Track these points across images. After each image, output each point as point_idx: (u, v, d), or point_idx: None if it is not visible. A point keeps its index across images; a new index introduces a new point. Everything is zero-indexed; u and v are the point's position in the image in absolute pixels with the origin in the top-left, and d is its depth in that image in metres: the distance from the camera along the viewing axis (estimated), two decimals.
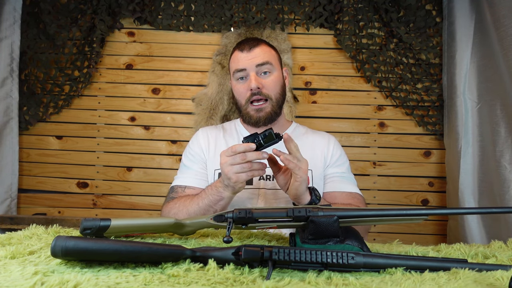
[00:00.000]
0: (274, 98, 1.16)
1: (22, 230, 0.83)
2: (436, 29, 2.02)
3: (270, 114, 1.16)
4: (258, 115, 1.16)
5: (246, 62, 1.15)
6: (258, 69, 1.15)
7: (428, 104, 2.03)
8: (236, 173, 0.89)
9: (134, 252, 0.59)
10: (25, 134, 2.09)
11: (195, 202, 1.01)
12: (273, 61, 1.18)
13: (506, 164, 1.54)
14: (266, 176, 1.17)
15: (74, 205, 2.11)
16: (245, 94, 1.16)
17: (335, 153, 1.22)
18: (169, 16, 2.06)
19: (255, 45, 1.17)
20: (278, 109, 1.19)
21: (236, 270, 0.60)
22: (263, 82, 1.15)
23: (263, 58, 1.15)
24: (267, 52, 1.18)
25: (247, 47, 1.17)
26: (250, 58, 1.15)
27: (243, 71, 1.16)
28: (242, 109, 1.19)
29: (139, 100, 2.11)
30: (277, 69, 1.19)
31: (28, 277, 0.52)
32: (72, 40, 2.04)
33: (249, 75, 1.15)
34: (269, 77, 1.16)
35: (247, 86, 1.15)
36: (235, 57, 1.19)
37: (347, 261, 0.59)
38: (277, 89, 1.18)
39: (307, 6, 2.05)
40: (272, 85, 1.16)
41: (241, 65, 1.16)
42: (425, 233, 2.06)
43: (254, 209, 0.72)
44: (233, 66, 1.20)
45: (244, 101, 1.17)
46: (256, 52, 1.16)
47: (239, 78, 1.17)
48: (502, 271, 0.59)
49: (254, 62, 1.15)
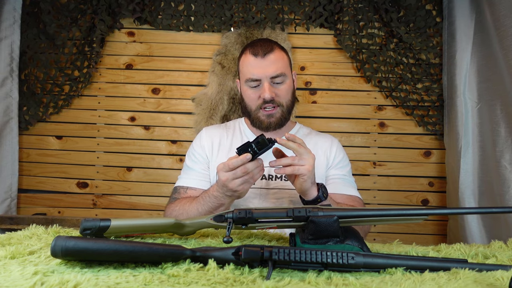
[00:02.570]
0: (285, 105, 1.18)
1: (22, 230, 0.83)
2: (436, 29, 2.01)
3: (280, 119, 1.18)
4: (269, 121, 1.17)
5: (260, 72, 1.14)
6: (272, 80, 1.15)
7: (428, 104, 2.03)
8: (241, 185, 0.91)
9: (134, 252, 0.59)
10: (25, 134, 2.09)
11: (195, 208, 1.03)
12: (286, 69, 1.18)
13: (506, 164, 1.54)
14: (268, 175, 1.18)
15: (74, 205, 2.11)
16: (256, 101, 1.17)
17: (337, 156, 1.23)
18: (169, 16, 2.06)
19: (269, 51, 1.15)
20: (288, 115, 1.21)
21: (236, 270, 0.60)
22: (276, 92, 1.16)
23: (277, 69, 1.15)
24: (280, 60, 1.17)
25: (261, 52, 1.15)
26: (264, 67, 1.14)
27: (256, 81, 1.16)
28: (252, 114, 1.19)
29: (139, 100, 2.11)
30: (289, 77, 1.20)
31: (28, 277, 0.52)
32: (72, 40, 2.04)
33: (263, 84, 1.15)
34: (281, 85, 1.17)
35: (260, 94, 1.15)
36: (247, 62, 1.17)
37: (347, 261, 0.59)
38: (289, 97, 1.19)
39: (307, 6, 2.05)
40: (285, 93, 1.17)
41: (255, 74, 1.15)
42: (425, 233, 2.06)
43: (254, 209, 0.72)
44: (245, 71, 1.18)
45: (255, 107, 1.18)
46: (270, 60, 1.14)
47: (252, 86, 1.17)
48: (502, 271, 0.59)
49: (269, 73, 1.14)
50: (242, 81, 1.20)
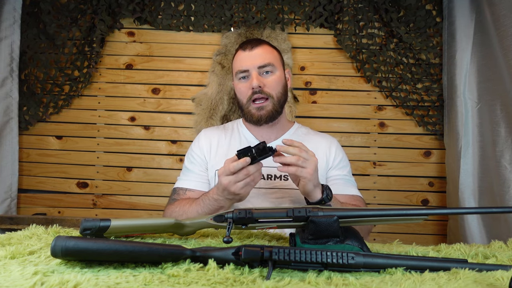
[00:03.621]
0: (276, 97, 1.18)
1: (22, 230, 0.83)
2: (436, 29, 2.01)
3: (271, 112, 1.18)
4: (259, 114, 1.18)
5: (248, 63, 1.17)
6: (260, 70, 1.18)
7: (428, 104, 2.03)
8: (243, 188, 0.91)
9: (134, 252, 0.59)
10: (25, 134, 2.09)
11: (194, 210, 1.03)
12: (275, 61, 1.21)
13: (506, 164, 1.54)
14: (267, 175, 1.18)
15: (74, 205, 2.11)
16: (246, 93, 1.18)
17: (337, 156, 1.24)
18: (169, 16, 2.06)
19: (257, 45, 1.20)
20: (280, 108, 1.20)
21: (236, 270, 0.60)
22: (264, 81, 1.17)
23: (264, 59, 1.18)
24: (268, 52, 1.20)
25: (249, 46, 1.19)
26: (252, 58, 1.18)
27: (245, 72, 1.18)
28: (244, 108, 1.20)
29: (139, 100, 2.11)
30: (279, 70, 1.21)
31: (28, 277, 0.52)
32: (72, 40, 2.04)
33: (251, 75, 1.17)
34: (270, 76, 1.19)
35: (249, 85, 1.17)
36: (237, 57, 1.22)
37: (347, 261, 0.59)
38: (279, 88, 1.19)
39: (307, 6, 2.05)
40: (274, 84, 1.18)
41: (244, 65, 1.18)
42: (425, 233, 2.06)
43: (254, 209, 0.72)
44: (235, 66, 1.22)
45: (246, 100, 1.19)
46: (258, 52, 1.18)
47: (241, 77, 1.20)
48: (502, 271, 0.59)
49: (256, 63, 1.17)
50: (234, 77, 1.23)
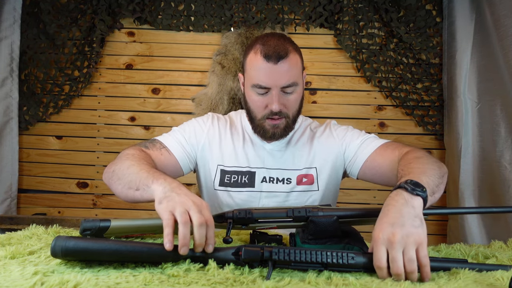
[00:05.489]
0: (291, 115, 1.11)
1: (22, 230, 0.83)
2: (436, 29, 2.01)
3: (284, 130, 1.12)
4: (273, 131, 1.10)
5: (271, 81, 1.04)
6: (282, 89, 1.06)
7: (428, 104, 2.03)
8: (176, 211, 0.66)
9: (134, 252, 0.59)
10: (25, 134, 2.09)
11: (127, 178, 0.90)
12: (298, 77, 1.10)
13: (506, 164, 1.54)
14: (268, 178, 1.16)
15: (74, 205, 2.11)
16: (262, 109, 1.09)
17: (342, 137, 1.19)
18: (169, 16, 2.06)
19: (284, 56, 1.04)
20: (293, 124, 1.15)
21: (236, 270, 0.60)
22: (285, 103, 1.08)
23: (289, 78, 1.05)
24: (293, 67, 1.07)
25: (274, 58, 1.02)
26: (275, 75, 1.04)
27: (265, 88, 1.06)
28: (255, 121, 1.12)
29: (139, 100, 2.11)
30: (300, 85, 1.12)
31: (28, 277, 0.52)
32: (72, 40, 2.04)
33: (271, 93, 1.06)
34: (291, 95, 1.09)
35: (267, 103, 1.07)
36: (257, 65, 1.05)
37: (347, 261, 0.59)
38: (296, 107, 1.13)
39: (307, 6, 2.05)
40: (293, 104, 1.10)
41: (265, 82, 1.04)
42: None
43: (254, 209, 0.72)
44: (253, 76, 1.06)
45: (260, 116, 1.10)
46: (284, 68, 1.04)
47: (259, 92, 1.08)
48: (502, 271, 0.59)
49: (280, 82, 1.05)
50: (248, 83, 1.10)
